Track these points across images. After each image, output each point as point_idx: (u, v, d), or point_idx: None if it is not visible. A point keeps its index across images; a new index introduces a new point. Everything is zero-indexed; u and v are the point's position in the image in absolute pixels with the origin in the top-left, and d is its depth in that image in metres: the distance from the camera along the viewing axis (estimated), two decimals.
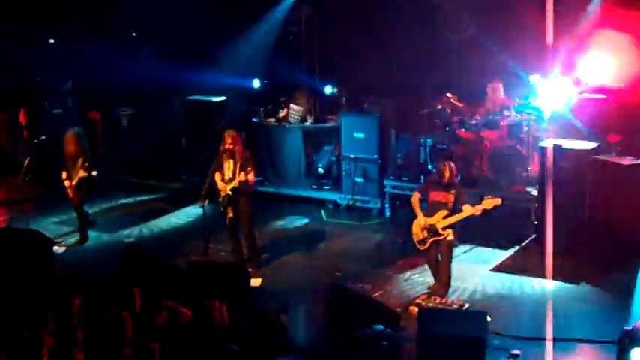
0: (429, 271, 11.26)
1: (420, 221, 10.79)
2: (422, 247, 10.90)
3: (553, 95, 14.27)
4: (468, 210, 10.60)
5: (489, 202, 10.55)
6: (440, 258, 10.87)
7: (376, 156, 14.74)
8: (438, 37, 15.78)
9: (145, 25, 18.34)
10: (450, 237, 10.71)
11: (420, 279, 11.60)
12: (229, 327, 8.28)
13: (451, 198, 10.65)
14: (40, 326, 8.09)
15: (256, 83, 17.53)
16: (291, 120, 16.17)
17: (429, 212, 10.79)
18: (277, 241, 13.29)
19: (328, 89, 16.67)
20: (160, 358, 7.78)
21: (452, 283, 10.97)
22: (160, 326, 8.21)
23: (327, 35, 17.03)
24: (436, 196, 10.75)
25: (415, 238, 10.93)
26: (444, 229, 10.64)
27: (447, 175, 10.64)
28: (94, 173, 13.08)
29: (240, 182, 11.29)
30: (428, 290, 11.00)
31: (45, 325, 8.16)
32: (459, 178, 13.15)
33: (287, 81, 16.63)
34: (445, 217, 10.62)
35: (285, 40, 17.79)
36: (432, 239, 10.74)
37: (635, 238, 11.99)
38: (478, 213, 10.62)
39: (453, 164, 10.80)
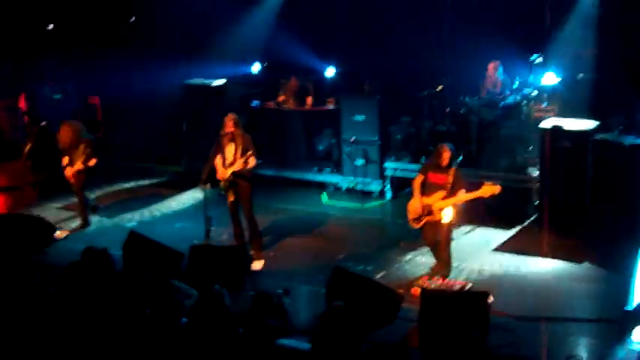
0: (430, 253, 11.28)
1: (416, 201, 10.80)
2: (416, 225, 10.89)
3: (553, 75, 14.28)
4: (463, 195, 10.59)
5: (487, 190, 10.47)
6: (439, 238, 10.87)
7: (376, 138, 14.75)
8: (439, 18, 15.71)
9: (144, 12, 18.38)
10: (448, 219, 10.64)
11: (422, 260, 11.62)
12: (232, 310, 8.29)
13: (449, 179, 10.61)
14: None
15: (256, 68, 17.49)
16: (291, 103, 16.14)
17: (427, 193, 10.77)
18: (279, 224, 13.30)
19: (329, 72, 16.60)
20: (166, 342, 7.82)
21: (454, 264, 10.98)
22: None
23: (328, 16, 16.95)
24: (434, 177, 10.75)
25: (409, 216, 10.92)
26: (439, 210, 10.63)
27: (445, 156, 10.62)
28: (91, 163, 13.09)
29: (241, 166, 11.30)
30: (430, 271, 11.02)
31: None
32: (460, 159, 13.22)
33: (287, 63, 16.57)
34: (443, 199, 10.61)
35: (286, 22, 17.71)
36: (427, 218, 10.74)
37: (636, 218, 12.01)
38: (474, 197, 10.60)
39: (451, 146, 10.76)
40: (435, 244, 10.96)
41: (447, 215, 10.61)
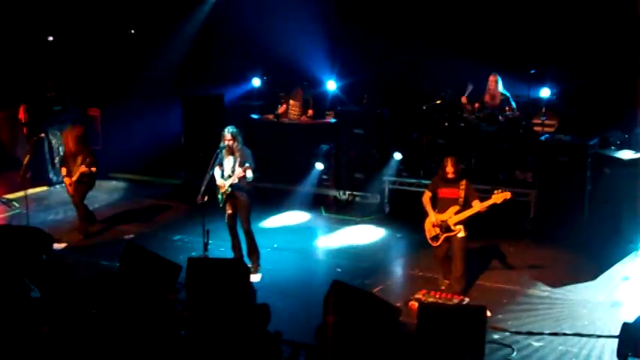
0: (429, 267, 11.24)
1: (432, 218, 10.72)
2: (435, 244, 10.80)
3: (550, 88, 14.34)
4: (477, 205, 10.52)
5: (499, 196, 10.45)
6: (451, 255, 10.75)
7: (375, 151, 14.75)
8: (437, 32, 15.75)
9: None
10: (462, 233, 10.58)
11: (419, 274, 11.60)
12: (229, 323, 8.28)
13: (461, 193, 10.53)
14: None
15: (257, 82, 17.49)
16: (290, 116, 16.17)
17: (440, 209, 10.69)
18: (277, 237, 13.29)
19: (330, 85, 16.58)
20: (165, 354, 7.81)
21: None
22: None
23: (328, 31, 17.00)
24: (445, 192, 10.64)
25: (428, 235, 10.84)
26: (455, 224, 10.57)
27: (449, 169, 10.55)
28: (94, 169, 13.11)
29: (239, 178, 11.29)
30: (443, 288, 10.91)
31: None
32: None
33: (288, 77, 16.59)
34: (457, 213, 10.54)
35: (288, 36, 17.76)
36: (445, 235, 10.67)
37: (634, 232, 12.02)
38: (488, 206, 10.55)
39: (454, 159, 10.69)
40: (443, 259, 10.90)
41: (462, 229, 10.59)
